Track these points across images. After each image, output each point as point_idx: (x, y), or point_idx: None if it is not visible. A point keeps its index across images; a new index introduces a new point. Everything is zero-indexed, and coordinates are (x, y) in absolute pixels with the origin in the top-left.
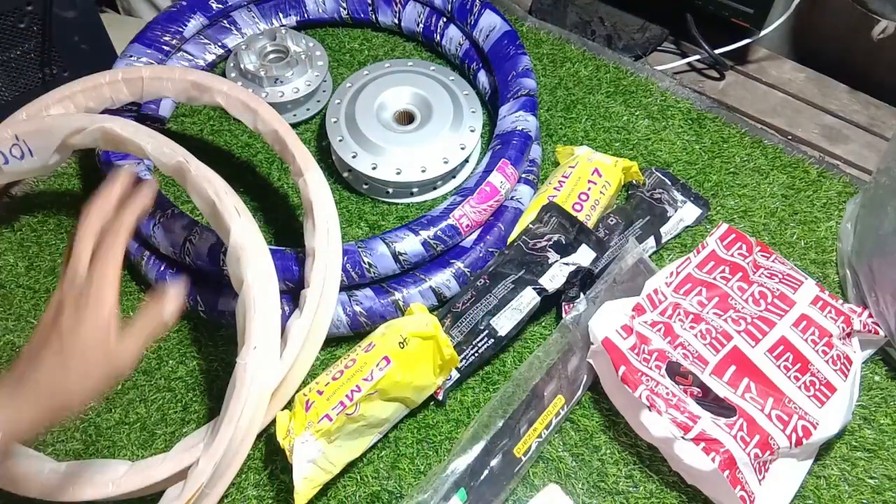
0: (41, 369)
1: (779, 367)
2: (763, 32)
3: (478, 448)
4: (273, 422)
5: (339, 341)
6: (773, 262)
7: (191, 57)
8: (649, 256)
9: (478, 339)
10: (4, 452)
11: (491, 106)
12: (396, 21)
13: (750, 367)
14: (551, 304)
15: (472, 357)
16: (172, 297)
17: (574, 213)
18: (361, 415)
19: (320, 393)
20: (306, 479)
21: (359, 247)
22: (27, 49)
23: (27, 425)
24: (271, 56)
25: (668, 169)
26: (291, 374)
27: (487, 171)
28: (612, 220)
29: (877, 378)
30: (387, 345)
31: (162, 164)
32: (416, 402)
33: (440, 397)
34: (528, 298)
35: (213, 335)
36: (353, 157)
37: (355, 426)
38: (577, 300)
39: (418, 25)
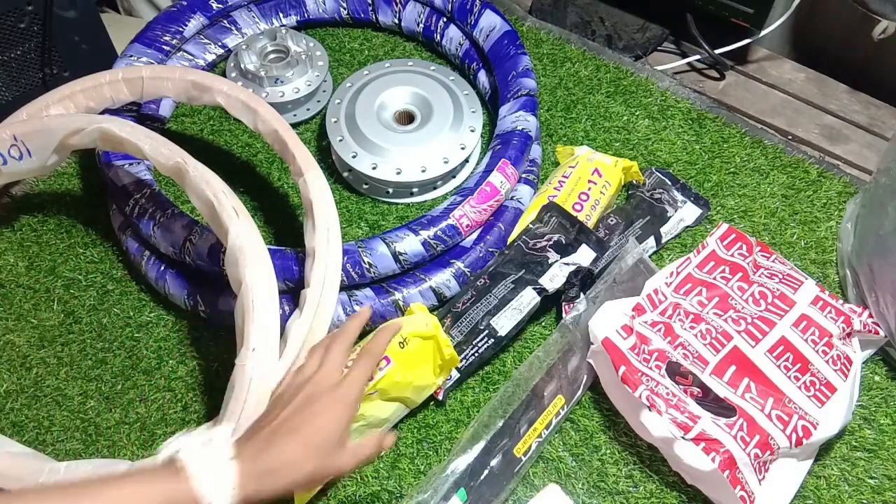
0: (284, 449)
1: (779, 367)
2: (763, 32)
3: (478, 448)
4: None
5: None
6: (773, 262)
7: (191, 57)
8: (649, 256)
9: (478, 339)
10: None
11: (491, 106)
12: (396, 21)
13: (750, 367)
14: (551, 304)
15: (472, 357)
16: (391, 437)
17: (574, 213)
18: (361, 415)
19: None
20: None
21: (359, 247)
22: (27, 49)
23: (256, 496)
24: (271, 56)
25: (668, 169)
26: None
27: (487, 171)
28: (612, 220)
29: (877, 378)
30: None
31: (160, 164)
32: (416, 402)
33: (440, 397)
34: (528, 298)
35: (213, 335)
36: (354, 156)
37: (355, 426)
38: (577, 300)
39: (418, 25)
